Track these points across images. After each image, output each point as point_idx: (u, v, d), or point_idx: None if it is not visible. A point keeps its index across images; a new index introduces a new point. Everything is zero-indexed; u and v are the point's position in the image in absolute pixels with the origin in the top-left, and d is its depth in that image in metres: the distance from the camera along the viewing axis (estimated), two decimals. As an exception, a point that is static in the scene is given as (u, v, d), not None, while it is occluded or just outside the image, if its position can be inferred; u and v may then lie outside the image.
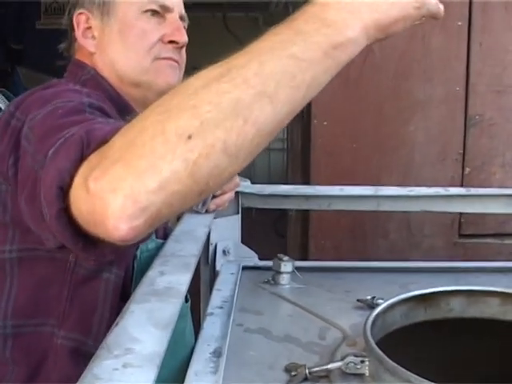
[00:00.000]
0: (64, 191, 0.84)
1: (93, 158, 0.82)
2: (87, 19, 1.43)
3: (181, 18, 1.49)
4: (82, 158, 0.84)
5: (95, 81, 1.42)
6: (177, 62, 1.47)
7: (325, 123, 2.77)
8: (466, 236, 2.83)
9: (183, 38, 1.45)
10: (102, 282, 1.29)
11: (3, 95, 2.97)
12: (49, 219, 0.87)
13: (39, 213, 0.93)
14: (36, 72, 6.31)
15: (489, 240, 2.83)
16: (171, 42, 1.44)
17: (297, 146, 2.98)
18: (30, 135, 1.08)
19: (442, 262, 2.04)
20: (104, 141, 0.83)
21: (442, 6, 0.95)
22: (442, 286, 1.54)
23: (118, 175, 0.75)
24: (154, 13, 1.42)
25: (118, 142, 0.80)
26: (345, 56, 0.86)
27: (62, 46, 1.52)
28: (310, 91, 0.83)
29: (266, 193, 1.92)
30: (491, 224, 2.82)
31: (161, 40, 1.43)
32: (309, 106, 2.81)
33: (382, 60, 2.79)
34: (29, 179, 1.01)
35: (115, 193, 0.74)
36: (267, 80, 0.79)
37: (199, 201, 0.91)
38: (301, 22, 0.87)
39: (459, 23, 2.78)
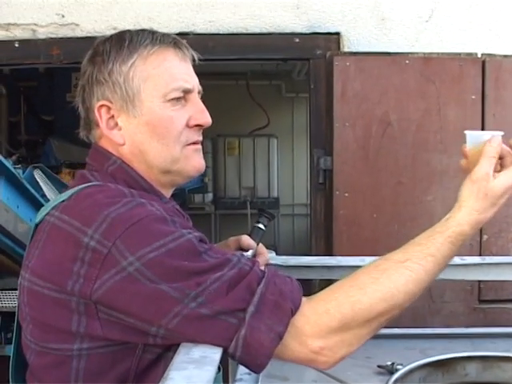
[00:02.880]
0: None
1: (314, 339, 1.22)
2: (108, 109, 1.42)
3: (199, 92, 1.49)
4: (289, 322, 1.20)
5: (123, 172, 1.43)
6: (201, 143, 1.51)
7: (346, 194, 2.88)
8: (486, 301, 2.89)
9: (208, 120, 1.47)
10: (163, 363, 1.31)
11: (41, 170, 3.06)
12: (255, 361, 1.20)
13: (220, 341, 1.18)
14: (66, 143, 6.47)
15: (508, 305, 2.88)
16: (196, 125, 1.46)
17: (320, 215, 3.07)
18: (147, 273, 1.18)
19: (460, 328, 2.09)
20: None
21: None
22: (459, 351, 1.62)
23: (339, 347, 1.24)
24: (178, 98, 1.43)
25: (335, 323, 1.22)
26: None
27: (82, 133, 1.51)
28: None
29: (290, 264, 2.00)
30: (510, 289, 2.87)
31: (186, 125, 1.44)
32: (331, 177, 2.92)
33: (400, 132, 2.90)
34: (174, 310, 1.17)
35: (336, 357, 1.25)
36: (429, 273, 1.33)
37: None
38: (447, 239, 1.32)
39: (473, 97, 2.89)
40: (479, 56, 2.92)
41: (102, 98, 1.42)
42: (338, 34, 3.08)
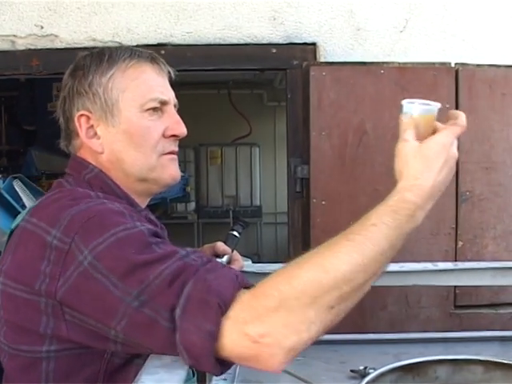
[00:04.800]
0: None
1: (250, 325, 1.09)
2: (88, 119, 1.47)
3: (174, 105, 1.55)
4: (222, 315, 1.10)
5: (100, 180, 1.47)
6: (176, 153, 1.55)
7: (323, 202, 2.91)
8: (462, 307, 2.93)
9: (183, 131, 1.51)
10: (133, 368, 1.33)
11: (21, 181, 3.06)
12: (198, 364, 1.12)
13: (160, 348, 1.15)
14: (48, 153, 6.47)
15: (483, 310, 2.92)
16: (172, 135, 1.51)
17: (297, 223, 3.10)
18: (98, 266, 1.17)
19: (435, 332, 2.12)
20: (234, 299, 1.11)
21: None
22: (432, 355, 1.65)
23: (283, 334, 1.07)
24: (155, 109, 1.48)
25: (272, 302, 1.09)
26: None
27: (62, 143, 1.57)
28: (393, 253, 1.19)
29: (266, 271, 2.01)
30: (485, 295, 2.91)
31: (163, 135, 1.49)
32: (308, 186, 2.96)
33: (376, 140, 2.94)
34: (126, 316, 1.15)
35: (281, 346, 1.07)
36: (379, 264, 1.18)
37: None
38: (389, 208, 1.22)
39: (447, 105, 2.93)
40: (453, 65, 2.97)
41: (82, 109, 1.48)
42: (314, 44, 3.11)
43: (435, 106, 1.33)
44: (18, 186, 3.22)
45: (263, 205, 8.23)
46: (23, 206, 3.25)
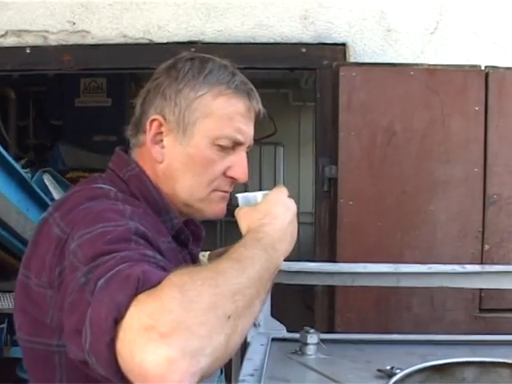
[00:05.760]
0: (116, 323, 0.94)
1: (150, 305, 0.94)
2: (160, 125, 1.44)
3: (249, 146, 1.50)
4: (135, 295, 0.96)
5: (139, 179, 1.45)
6: (229, 192, 1.52)
7: (350, 203, 2.91)
8: (486, 310, 2.91)
9: (245, 177, 1.48)
10: None
11: (50, 174, 3.11)
12: (94, 343, 0.96)
13: (73, 328, 1.04)
14: (74, 147, 6.52)
15: (508, 314, 2.91)
16: (232, 177, 1.47)
17: (324, 223, 3.10)
18: (78, 253, 1.12)
19: (461, 335, 2.11)
20: (156, 285, 0.97)
21: None
22: (458, 357, 1.65)
23: (184, 336, 0.90)
24: (226, 147, 1.44)
25: (175, 295, 0.94)
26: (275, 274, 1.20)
27: (128, 132, 1.52)
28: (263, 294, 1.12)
29: (294, 270, 2.02)
30: (511, 299, 2.90)
31: (224, 173, 1.46)
32: (335, 186, 2.96)
33: (405, 142, 2.94)
34: (73, 293, 1.07)
35: (183, 352, 0.89)
36: (260, 285, 1.09)
37: (220, 366, 1.07)
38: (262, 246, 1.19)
39: (476, 108, 2.93)
40: (483, 68, 2.96)
41: (159, 113, 1.45)
42: (344, 44, 3.12)
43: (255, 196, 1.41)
44: (47, 180, 3.27)
45: (286, 204, 8.20)
46: (52, 200, 3.30)
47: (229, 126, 1.43)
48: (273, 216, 1.29)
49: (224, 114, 1.43)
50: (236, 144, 1.45)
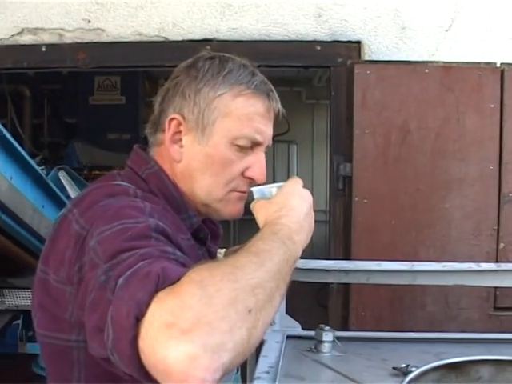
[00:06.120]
0: (138, 320, 0.94)
1: (170, 302, 0.94)
2: (179, 124, 1.43)
3: (267, 146, 1.50)
4: (155, 291, 0.96)
5: (158, 177, 1.45)
6: (246, 193, 1.51)
7: (365, 201, 2.91)
8: (501, 309, 2.91)
9: (263, 178, 1.46)
10: None
11: (66, 172, 3.12)
12: (117, 341, 0.97)
13: (94, 326, 1.04)
14: (89, 145, 6.54)
15: (524, 313, 2.91)
16: (250, 178, 1.46)
17: (339, 221, 3.10)
18: (98, 250, 1.12)
19: (475, 333, 2.11)
20: (175, 282, 0.97)
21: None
22: (473, 355, 1.64)
23: (205, 332, 0.90)
24: (245, 147, 1.44)
25: (194, 292, 0.94)
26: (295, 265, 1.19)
27: (147, 130, 1.52)
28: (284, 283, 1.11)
29: (309, 267, 2.03)
30: (526, 297, 2.89)
31: (242, 173, 1.45)
32: (350, 184, 2.96)
33: (419, 140, 2.93)
34: (93, 291, 1.07)
35: (205, 348, 0.89)
36: (280, 278, 1.08)
37: (243, 360, 1.05)
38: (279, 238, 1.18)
39: (492, 105, 2.92)
40: (498, 65, 2.95)
41: (179, 112, 1.44)
42: (359, 42, 3.12)
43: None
44: (63, 177, 3.28)
45: (300, 202, 8.19)
46: (68, 197, 3.32)
47: (248, 127, 1.42)
48: (289, 208, 1.29)
49: (243, 114, 1.42)
50: (255, 144, 1.44)
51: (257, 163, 1.46)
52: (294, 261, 1.18)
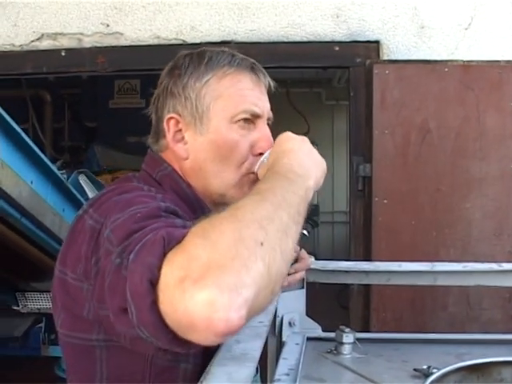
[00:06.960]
0: (153, 285, 0.95)
1: (178, 258, 0.94)
2: (177, 123, 1.44)
3: (268, 119, 1.49)
4: (164, 255, 0.96)
5: (172, 178, 1.46)
6: None
7: (385, 201, 2.90)
8: (524, 310, 2.89)
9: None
10: (180, 372, 1.32)
11: (86, 175, 3.14)
12: (139, 313, 0.97)
13: (117, 308, 1.03)
14: (109, 149, 6.57)
15: (546, 313, 2.88)
16: (260, 154, 1.44)
17: (359, 222, 3.09)
18: (112, 238, 1.12)
19: (498, 334, 2.09)
20: (181, 241, 0.97)
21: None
22: (496, 357, 1.62)
23: (216, 275, 0.89)
24: (246, 120, 1.43)
25: (198, 242, 0.95)
26: (308, 197, 1.18)
27: (150, 140, 1.52)
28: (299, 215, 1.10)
29: (329, 268, 2.02)
30: (548, 298, 2.87)
31: (251, 151, 1.44)
32: (370, 184, 2.95)
33: (439, 140, 2.92)
34: (110, 274, 1.07)
35: (221, 289, 0.87)
36: (288, 207, 1.07)
37: (272, 298, 1.02)
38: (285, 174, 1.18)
39: (511, 104, 2.90)
40: (518, 63, 2.93)
41: (173, 111, 1.45)
42: (377, 42, 3.11)
43: None
44: (83, 181, 3.30)
45: (320, 204, 8.19)
46: (88, 200, 3.33)
47: (242, 102, 1.43)
48: (286, 151, 1.27)
49: (233, 91, 1.44)
50: (255, 118, 1.44)
51: (262, 137, 1.45)
52: (304, 191, 1.16)
